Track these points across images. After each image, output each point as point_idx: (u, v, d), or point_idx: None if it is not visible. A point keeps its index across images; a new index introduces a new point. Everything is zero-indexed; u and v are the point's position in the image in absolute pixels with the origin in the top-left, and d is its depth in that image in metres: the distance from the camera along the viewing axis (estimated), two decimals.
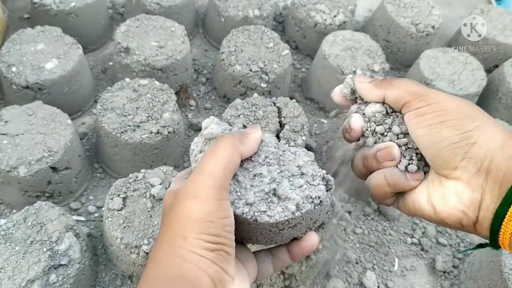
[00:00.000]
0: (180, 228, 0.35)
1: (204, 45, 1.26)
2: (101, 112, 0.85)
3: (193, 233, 0.35)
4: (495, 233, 0.37)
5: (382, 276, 0.86)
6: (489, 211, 0.37)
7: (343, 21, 1.20)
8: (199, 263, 0.34)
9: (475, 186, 0.38)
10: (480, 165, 0.37)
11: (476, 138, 0.38)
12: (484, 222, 0.38)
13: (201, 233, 0.35)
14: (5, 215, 0.84)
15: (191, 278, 0.34)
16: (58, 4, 1.06)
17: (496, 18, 1.28)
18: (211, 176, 0.36)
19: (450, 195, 0.39)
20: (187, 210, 0.35)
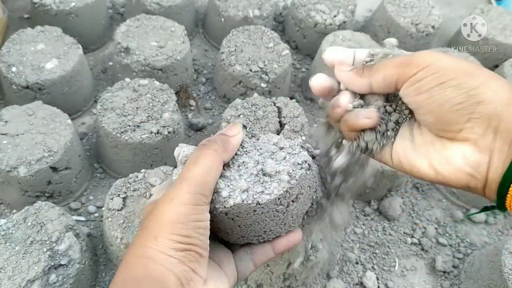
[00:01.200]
0: (152, 228, 0.36)
1: (204, 45, 1.26)
2: (101, 112, 0.85)
3: (164, 233, 0.36)
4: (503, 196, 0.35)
5: (382, 276, 0.86)
6: (497, 172, 0.35)
7: (343, 21, 1.20)
8: (166, 263, 0.35)
9: (483, 147, 0.35)
10: (488, 125, 0.35)
11: (481, 96, 0.35)
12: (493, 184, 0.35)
13: (172, 233, 0.35)
14: (5, 215, 0.84)
15: (157, 277, 0.34)
16: (58, 4, 1.06)
17: (496, 18, 1.28)
18: (190, 182, 0.37)
19: (456, 158, 0.37)
20: (162, 212, 0.37)
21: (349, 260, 0.87)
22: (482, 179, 0.36)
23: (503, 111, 0.34)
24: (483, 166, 0.35)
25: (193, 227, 0.36)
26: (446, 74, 0.36)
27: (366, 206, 0.95)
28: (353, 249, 0.89)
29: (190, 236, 0.36)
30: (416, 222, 0.94)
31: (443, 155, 0.38)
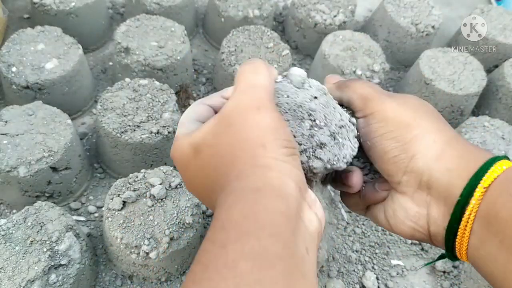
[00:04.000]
0: (254, 137, 0.33)
1: (204, 45, 1.26)
2: (101, 112, 0.85)
3: (271, 140, 0.32)
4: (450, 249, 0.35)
5: (382, 276, 0.86)
6: (439, 226, 0.35)
7: (343, 21, 1.20)
8: (283, 168, 0.32)
9: (420, 201, 0.36)
10: (420, 180, 0.35)
11: (414, 150, 0.35)
12: (438, 236, 0.36)
13: (277, 139, 0.33)
14: (5, 215, 0.84)
15: (278, 185, 0.31)
16: (58, 4, 1.06)
17: (496, 18, 1.28)
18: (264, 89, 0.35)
19: (399, 210, 0.38)
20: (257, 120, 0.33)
21: (349, 260, 0.87)
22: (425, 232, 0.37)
23: (433, 166, 0.35)
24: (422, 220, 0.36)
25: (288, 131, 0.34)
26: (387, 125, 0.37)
27: None
28: (353, 249, 0.89)
29: (291, 140, 0.34)
30: None
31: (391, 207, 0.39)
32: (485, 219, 0.32)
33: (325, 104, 0.38)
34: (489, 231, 0.31)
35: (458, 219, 0.33)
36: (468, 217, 0.32)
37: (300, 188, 0.32)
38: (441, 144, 0.35)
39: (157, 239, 0.70)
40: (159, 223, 0.71)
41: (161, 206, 0.73)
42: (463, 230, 0.33)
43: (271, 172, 0.31)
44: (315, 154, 0.37)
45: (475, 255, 0.33)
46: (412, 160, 0.35)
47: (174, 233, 0.71)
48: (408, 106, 0.37)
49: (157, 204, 0.73)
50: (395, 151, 0.36)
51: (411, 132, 0.36)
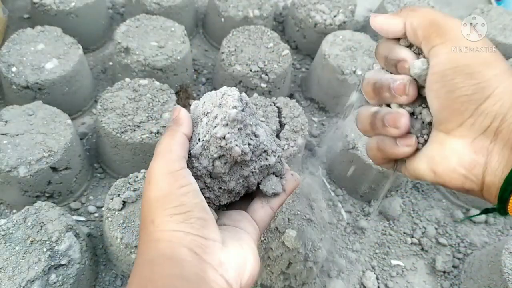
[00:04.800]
0: (146, 214, 0.36)
1: (204, 45, 1.26)
2: (101, 112, 0.85)
3: (157, 213, 0.35)
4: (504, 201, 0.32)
5: (382, 276, 0.86)
6: (497, 176, 0.32)
7: (343, 21, 1.20)
8: (172, 238, 0.34)
9: (480, 147, 0.33)
10: (490, 124, 0.32)
11: (491, 91, 0.32)
12: (492, 188, 0.33)
13: (164, 209, 0.35)
14: (5, 215, 0.84)
15: (169, 254, 0.34)
16: (58, 4, 1.06)
17: (496, 18, 1.28)
18: (157, 157, 0.38)
19: (451, 157, 0.34)
20: (147, 196, 0.37)
21: (349, 260, 0.87)
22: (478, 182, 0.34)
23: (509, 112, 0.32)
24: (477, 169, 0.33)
25: (180, 194, 0.36)
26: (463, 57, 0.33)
27: (366, 206, 0.95)
28: (353, 249, 0.89)
29: (182, 203, 0.35)
30: (416, 222, 0.94)
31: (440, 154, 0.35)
32: None
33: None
34: None
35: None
36: None
37: (195, 252, 0.34)
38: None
39: None
40: None
41: None
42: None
43: (162, 243, 0.34)
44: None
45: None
46: (487, 100, 0.32)
47: None
48: (487, 42, 0.34)
49: None
50: (469, 89, 0.32)
51: (491, 70, 0.32)
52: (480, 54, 0.33)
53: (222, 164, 0.42)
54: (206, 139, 0.41)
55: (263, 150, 0.44)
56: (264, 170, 0.45)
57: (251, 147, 0.42)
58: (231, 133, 0.40)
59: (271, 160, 0.44)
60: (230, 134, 0.40)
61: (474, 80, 0.32)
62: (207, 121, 0.42)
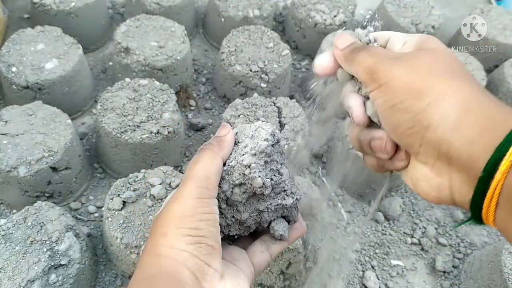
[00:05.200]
0: (161, 226, 0.37)
1: (204, 45, 1.26)
2: (101, 112, 0.85)
3: (172, 228, 0.36)
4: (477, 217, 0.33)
5: (382, 276, 0.86)
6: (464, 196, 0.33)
7: (343, 21, 1.20)
8: (178, 257, 0.35)
9: (441, 171, 0.34)
10: (439, 151, 0.33)
11: (428, 120, 0.32)
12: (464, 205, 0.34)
13: (179, 228, 0.36)
14: (5, 215, 0.84)
15: (171, 272, 0.34)
16: (58, 4, 1.06)
17: (496, 18, 1.28)
18: (193, 178, 0.39)
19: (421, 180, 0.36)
20: (169, 209, 0.37)
21: (349, 260, 0.87)
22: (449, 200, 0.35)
23: (451, 136, 0.32)
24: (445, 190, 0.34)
25: (200, 219, 0.37)
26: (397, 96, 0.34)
27: (366, 206, 0.95)
28: (353, 249, 0.89)
29: (199, 228, 0.36)
30: (416, 222, 0.94)
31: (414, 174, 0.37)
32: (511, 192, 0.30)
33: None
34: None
35: (483, 193, 0.31)
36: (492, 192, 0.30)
37: (196, 277, 0.35)
38: (459, 110, 0.32)
39: None
40: None
41: (161, 206, 0.73)
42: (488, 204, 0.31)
43: (166, 260, 0.35)
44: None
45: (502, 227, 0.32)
46: (428, 131, 0.33)
47: None
48: (419, 69, 0.34)
49: (157, 204, 0.73)
50: (408, 123, 0.33)
51: (423, 100, 0.33)
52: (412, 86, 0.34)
53: (241, 193, 0.42)
54: (232, 165, 0.42)
55: (283, 189, 0.44)
56: (279, 209, 0.45)
57: (273, 183, 0.43)
58: (257, 164, 0.41)
59: (288, 201, 0.44)
60: (256, 165, 0.41)
61: (409, 115, 0.33)
62: (236, 149, 0.43)
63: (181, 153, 0.97)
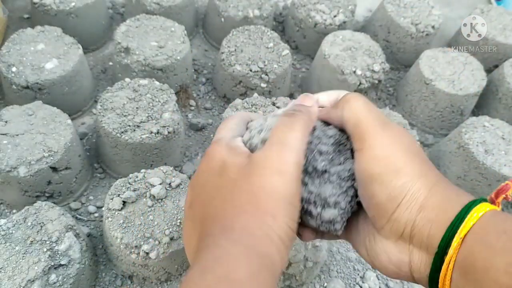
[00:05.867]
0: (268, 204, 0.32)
1: (204, 45, 1.26)
2: (101, 112, 0.85)
3: (282, 213, 0.32)
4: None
5: (382, 276, 0.86)
6: (421, 273, 0.35)
7: (343, 21, 1.20)
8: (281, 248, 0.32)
9: (402, 248, 0.35)
10: (403, 230, 0.34)
11: (400, 200, 0.34)
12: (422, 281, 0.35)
13: (286, 216, 0.32)
14: (5, 215, 0.84)
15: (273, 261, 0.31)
16: (58, 4, 1.06)
17: (496, 18, 1.28)
18: (292, 149, 0.34)
19: (382, 254, 0.36)
20: (274, 187, 0.32)
21: (349, 260, 0.87)
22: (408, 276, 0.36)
23: (416, 218, 0.34)
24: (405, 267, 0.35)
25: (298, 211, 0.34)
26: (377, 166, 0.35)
27: None
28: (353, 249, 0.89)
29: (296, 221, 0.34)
30: None
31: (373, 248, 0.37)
32: (463, 269, 0.31)
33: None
34: (467, 280, 0.31)
35: (438, 268, 0.33)
36: (446, 267, 0.32)
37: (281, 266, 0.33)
38: (425, 192, 0.34)
39: (157, 239, 0.70)
40: (159, 223, 0.71)
41: (161, 206, 0.73)
42: (443, 279, 0.33)
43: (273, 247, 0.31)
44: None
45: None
46: (397, 210, 0.34)
47: (174, 233, 0.71)
48: (400, 145, 0.35)
49: (157, 204, 0.73)
50: (382, 196, 0.34)
51: (400, 179, 0.34)
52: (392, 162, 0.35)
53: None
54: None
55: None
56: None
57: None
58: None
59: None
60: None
61: (386, 190, 0.34)
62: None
63: (181, 153, 0.97)
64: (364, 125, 0.36)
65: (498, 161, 0.92)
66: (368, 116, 0.36)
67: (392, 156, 0.35)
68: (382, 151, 0.35)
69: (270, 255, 0.31)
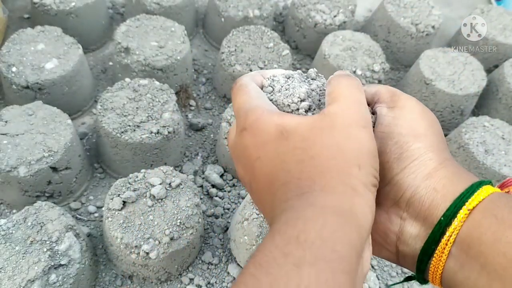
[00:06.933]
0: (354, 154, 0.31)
1: (204, 45, 1.26)
2: (101, 112, 0.85)
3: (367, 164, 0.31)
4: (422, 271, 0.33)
5: (382, 276, 0.86)
6: (409, 246, 0.33)
7: (343, 21, 1.20)
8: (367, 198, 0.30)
9: (393, 217, 0.34)
10: (402, 195, 0.33)
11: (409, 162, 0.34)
12: (407, 258, 0.34)
13: (371, 166, 0.31)
14: (5, 215, 0.84)
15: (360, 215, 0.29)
16: (58, 4, 1.06)
17: (496, 18, 1.28)
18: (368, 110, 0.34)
19: None
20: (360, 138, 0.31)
21: None
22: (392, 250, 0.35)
23: (420, 184, 0.33)
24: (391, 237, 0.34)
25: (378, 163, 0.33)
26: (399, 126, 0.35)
27: None
28: None
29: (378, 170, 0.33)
30: None
31: None
32: (466, 242, 0.30)
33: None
34: (469, 254, 0.30)
35: (437, 240, 0.32)
36: (448, 238, 0.31)
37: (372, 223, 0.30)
38: (436, 163, 0.34)
39: (157, 239, 0.70)
40: (159, 223, 0.71)
41: (161, 206, 0.73)
42: (441, 252, 0.31)
43: (358, 198, 0.29)
44: None
45: (451, 280, 0.32)
46: (402, 172, 0.34)
47: (174, 233, 0.71)
48: (427, 117, 0.36)
49: (157, 204, 0.73)
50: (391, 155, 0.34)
51: (416, 143, 0.34)
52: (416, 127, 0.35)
53: None
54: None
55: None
56: None
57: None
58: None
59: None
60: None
61: (399, 149, 0.34)
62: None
63: (181, 153, 0.97)
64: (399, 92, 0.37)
65: (498, 161, 0.92)
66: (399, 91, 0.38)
67: (417, 121, 0.35)
68: (410, 114, 0.35)
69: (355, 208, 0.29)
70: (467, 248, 0.30)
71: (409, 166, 0.33)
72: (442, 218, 0.31)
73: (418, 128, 0.35)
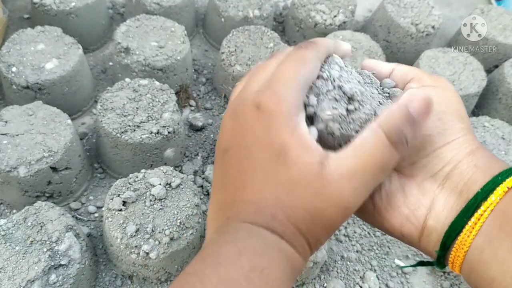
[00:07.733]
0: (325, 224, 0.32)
1: (204, 45, 1.26)
2: (101, 112, 0.85)
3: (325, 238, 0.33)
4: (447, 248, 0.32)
5: (382, 276, 0.86)
6: (439, 221, 0.33)
7: (343, 21, 1.20)
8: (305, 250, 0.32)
9: (427, 189, 0.33)
10: (442, 168, 0.33)
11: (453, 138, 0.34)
12: (433, 234, 0.33)
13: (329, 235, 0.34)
14: (5, 215, 0.84)
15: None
16: (58, 4, 1.06)
17: (496, 18, 1.28)
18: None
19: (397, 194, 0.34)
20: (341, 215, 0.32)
21: (349, 260, 0.87)
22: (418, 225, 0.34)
23: (463, 159, 0.33)
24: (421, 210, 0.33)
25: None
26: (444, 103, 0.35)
27: None
28: (353, 249, 0.89)
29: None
30: None
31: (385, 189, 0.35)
32: (500, 219, 0.30)
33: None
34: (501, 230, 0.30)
35: (470, 215, 0.31)
36: (482, 213, 0.31)
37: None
38: (476, 144, 0.34)
39: (157, 239, 0.70)
40: (159, 223, 0.71)
41: (161, 206, 0.73)
42: (472, 226, 0.31)
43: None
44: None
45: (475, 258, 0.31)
46: (446, 146, 0.34)
47: (174, 233, 0.71)
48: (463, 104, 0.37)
49: (157, 204, 0.73)
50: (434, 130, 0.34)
51: (460, 123, 0.35)
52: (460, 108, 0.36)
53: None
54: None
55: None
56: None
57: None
58: None
59: None
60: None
61: (443, 126, 0.34)
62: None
63: (181, 153, 0.97)
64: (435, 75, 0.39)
65: None
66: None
67: (460, 105, 0.36)
68: (453, 96, 0.36)
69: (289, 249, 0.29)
70: (500, 224, 0.30)
71: (453, 142, 0.34)
72: (479, 191, 0.31)
73: (462, 111, 0.36)
